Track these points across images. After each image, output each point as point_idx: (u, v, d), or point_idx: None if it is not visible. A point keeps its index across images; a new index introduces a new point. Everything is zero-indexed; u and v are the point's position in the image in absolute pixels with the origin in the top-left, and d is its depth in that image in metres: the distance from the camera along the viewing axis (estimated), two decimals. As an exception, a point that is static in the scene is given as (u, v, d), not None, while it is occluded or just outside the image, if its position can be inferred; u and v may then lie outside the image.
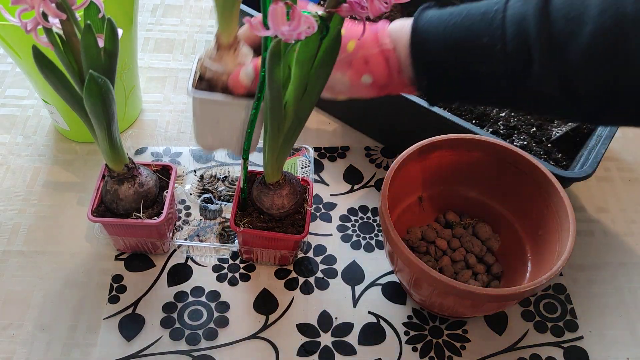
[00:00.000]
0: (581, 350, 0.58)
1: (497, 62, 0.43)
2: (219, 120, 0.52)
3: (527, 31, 0.41)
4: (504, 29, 0.42)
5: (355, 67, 0.49)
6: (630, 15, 0.37)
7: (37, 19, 0.41)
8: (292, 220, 0.58)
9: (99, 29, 0.46)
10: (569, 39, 0.39)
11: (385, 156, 0.74)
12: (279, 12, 0.34)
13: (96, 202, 0.58)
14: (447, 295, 0.51)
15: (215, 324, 0.58)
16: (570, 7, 0.39)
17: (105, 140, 0.51)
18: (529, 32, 0.40)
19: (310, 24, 0.35)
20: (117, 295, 0.60)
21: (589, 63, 0.39)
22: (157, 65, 0.85)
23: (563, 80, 0.40)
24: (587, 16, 0.38)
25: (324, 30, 0.40)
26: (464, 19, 0.44)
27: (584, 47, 0.39)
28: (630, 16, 0.37)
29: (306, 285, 0.62)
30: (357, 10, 0.37)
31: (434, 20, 0.46)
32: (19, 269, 0.62)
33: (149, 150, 0.73)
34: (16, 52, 0.59)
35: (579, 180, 0.59)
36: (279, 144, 0.50)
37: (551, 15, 0.40)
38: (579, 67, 0.39)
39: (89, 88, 0.44)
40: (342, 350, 0.57)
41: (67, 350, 0.56)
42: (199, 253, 0.64)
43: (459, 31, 0.44)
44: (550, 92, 0.42)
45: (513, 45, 0.41)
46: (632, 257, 0.66)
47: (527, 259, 0.59)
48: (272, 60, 0.40)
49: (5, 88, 0.81)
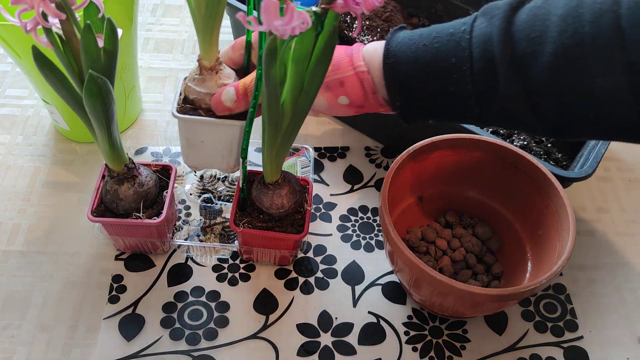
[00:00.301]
0: (581, 350, 0.58)
1: (466, 82, 0.44)
2: (204, 140, 0.54)
3: (492, 52, 0.42)
4: (470, 49, 0.43)
5: (332, 89, 0.51)
6: (588, 35, 0.38)
7: (36, 19, 0.41)
8: (291, 220, 0.58)
9: (99, 29, 0.46)
10: (531, 58, 0.41)
11: (385, 156, 0.74)
12: (272, 7, 0.34)
13: (96, 202, 0.58)
14: (447, 295, 0.51)
15: (215, 324, 0.58)
16: (532, 28, 0.41)
17: (105, 140, 0.51)
18: (493, 53, 0.42)
19: (304, 19, 0.35)
20: (117, 295, 0.60)
21: (551, 82, 0.41)
22: (157, 65, 0.85)
23: (527, 98, 0.42)
24: (548, 36, 0.40)
25: (319, 27, 0.40)
26: (433, 40, 0.46)
27: (545, 66, 0.40)
28: (587, 36, 0.38)
29: (306, 285, 0.62)
30: (351, 6, 0.37)
31: (405, 42, 0.47)
32: (19, 269, 0.62)
33: (149, 150, 0.73)
34: (16, 52, 0.59)
35: (579, 180, 0.59)
36: (277, 143, 0.50)
37: (514, 36, 0.41)
38: (541, 86, 0.41)
39: (89, 88, 0.44)
40: (342, 350, 0.57)
41: (67, 350, 0.56)
42: (199, 253, 0.64)
43: (428, 52, 0.46)
44: (516, 109, 0.43)
45: (479, 65, 0.43)
46: (632, 257, 0.66)
47: (527, 259, 0.59)
48: (269, 57, 0.40)
49: (5, 88, 0.81)
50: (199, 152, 0.56)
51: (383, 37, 0.77)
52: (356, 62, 0.49)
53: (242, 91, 0.50)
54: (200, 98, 0.52)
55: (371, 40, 0.77)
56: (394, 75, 0.48)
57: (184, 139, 0.55)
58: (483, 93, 0.44)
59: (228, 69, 0.53)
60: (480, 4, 0.79)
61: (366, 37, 0.77)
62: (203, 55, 0.51)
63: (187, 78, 0.54)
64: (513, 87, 0.42)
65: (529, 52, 0.41)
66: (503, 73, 0.42)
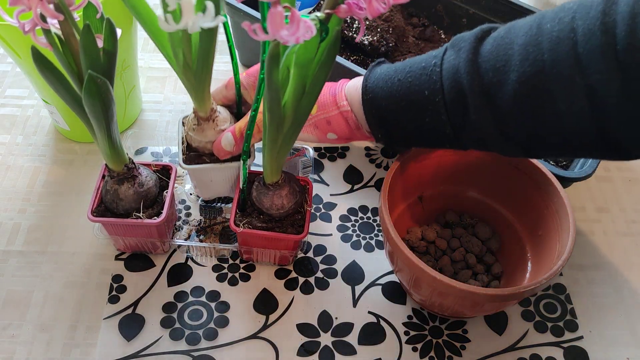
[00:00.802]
0: (581, 350, 0.58)
1: (440, 113, 0.46)
2: (212, 180, 0.62)
3: (460, 83, 0.44)
4: (441, 82, 0.46)
5: (319, 128, 0.56)
6: (548, 62, 0.39)
7: (34, 20, 0.41)
8: (291, 220, 0.58)
9: (98, 29, 0.46)
10: (497, 87, 0.42)
11: (385, 156, 0.74)
12: (278, 17, 0.34)
13: (96, 202, 0.58)
14: (447, 295, 0.51)
15: (215, 324, 0.58)
16: (496, 58, 0.43)
17: (105, 141, 0.51)
18: (462, 84, 0.44)
19: (309, 28, 0.35)
20: (117, 295, 0.60)
21: (516, 109, 0.42)
22: (157, 65, 0.85)
23: (497, 125, 0.44)
24: (512, 65, 0.41)
25: (323, 33, 0.40)
26: (407, 74, 0.48)
27: (510, 94, 0.42)
28: (547, 63, 0.39)
29: (306, 285, 0.62)
30: (355, 12, 0.37)
31: (382, 78, 0.50)
32: (19, 269, 0.62)
33: (149, 150, 0.73)
34: (16, 52, 0.59)
35: (579, 180, 0.59)
36: (278, 144, 0.50)
37: (480, 67, 0.43)
38: (508, 113, 0.43)
39: (88, 88, 0.44)
40: (342, 350, 0.57)
41: (67, 350, 0.56)
42: (199, 253, 0.64)
43: (403, 87, 0.48)
44: (487, 135, 0.45)
45: (451, 97, 0.45)
46: (632, 257, 0.66)
47: (527, 259, 0.59)
48: (271, 63, 0.40)
49: (5, 88, 0.81)
50: (210, 188, 0.64)
51: (383, 37, 0.77)
52: (340, 102, 0.53)
53: (239, 135, 0.55)
54: (202, 146, 0.58)
55: (371, 40, 0.77)
56: (373, 110, 0.51)
57: (195, 181, 0.63)
58: (456, 122, 0.46)
59: (223, 112, 0.58)
60: (480, 4, 0.79)
61: (366, 37, 0.77)
62: (198, 109, 0.56)
63: (186, 127, 0.59)
64: (482, 115, 0.44)
65: (494, 82, 0.42)
66: (472, 103, 0.44)
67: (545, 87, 0.40)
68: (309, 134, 0.57)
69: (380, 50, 0.77)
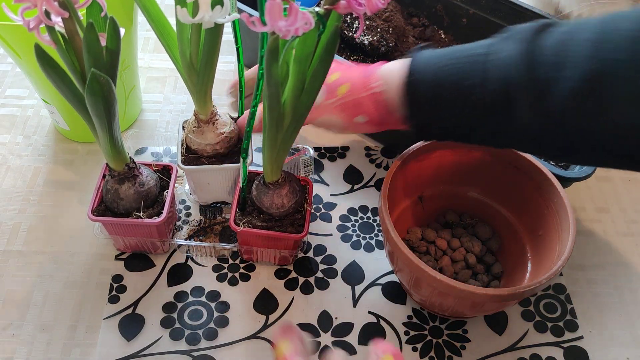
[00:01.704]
0: (581, 350, 0.58)
1: (485, 103, 0.44)
2: (210, 182, 0.62)
3: (512, 75, 0.42)
4: (490, 72, 0.43)
5: (346, 110, 0.52)
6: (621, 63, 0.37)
7: (39, 17, 0.41)
8: (291, 220, 0.58)
9: (101, 27, 0.46)
10: (553, 83, 0.40)
11: (385, 156, 0.74)
12: (276, 8, 0.34)
13: (96, 201, 0.58)
14: (447, 295, 0.51)
15: (215, 324, 0.58)
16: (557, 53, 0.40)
17: (107, 139, 0.51)
18: (514, 76, 0.42)
19: (307, 20, 0.35)
20: (117, 295, 0.60)
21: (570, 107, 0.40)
22: (157, 65, 0.85)
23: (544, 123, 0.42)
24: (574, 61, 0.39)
25: (321, 27, 0.40)
26: (458, 60, 0.46)
27: (566, 92, 0.39)
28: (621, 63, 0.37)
29: (306, 285, 0.62)
30: (354, 7, 0.37)
31: (429, 62, 0.48)
32: (19, 269, 0.62)
33: (149, 150, 0.73)
34: (16, 52, 0.59)
35: (579, 180, 0.59)
36: (278, 143, 0.50)
37: (536, 60, 0.41)
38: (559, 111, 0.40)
39: (91, 86, 0.44)
40: (342, 350, 0.57)
41: (67, 350, 0.56)
42: (199, 253, 0.64)
43: (452, 72, 0.46)
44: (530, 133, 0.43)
45: (499, 88, 0.43)
46: (632, 257, 0.66)
47: (527, 259, 0.59)
48: (270, 57, 0.40)
49: (5, 88, 0.81)
50: (207, 191, 0.64)
51: (383, 37, 0.77)
52: (372, 83, 0.50)
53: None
54: (202, 148, 0.59)
55: (371, 40, 0.77)
56: (416, 92, 0.48)
57: (192, 183, 0.63)
58: (500, 116, 0.44)
59: (223, 116, 0.59)
60: (480, 4, 0.79)
61: (366, 37, 0.77)
62: (199, 112, 0.56)
63: (186, 129, 0.59)
64: (531, 111, 0.42)
65: (550, 77, 0.40)
66: (521, 97, 0.42)
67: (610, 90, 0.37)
68: (336, 116, 0.53)
69: (380, 50, 0.77)
